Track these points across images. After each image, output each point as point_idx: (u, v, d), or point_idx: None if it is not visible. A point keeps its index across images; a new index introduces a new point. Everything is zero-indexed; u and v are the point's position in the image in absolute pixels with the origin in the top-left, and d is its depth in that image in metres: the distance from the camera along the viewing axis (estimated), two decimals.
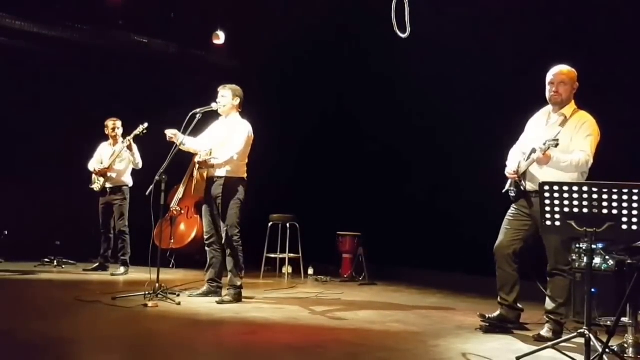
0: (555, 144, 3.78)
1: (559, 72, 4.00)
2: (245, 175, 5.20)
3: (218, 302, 4.92)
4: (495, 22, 6.39)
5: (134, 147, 6.88)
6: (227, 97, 5.19)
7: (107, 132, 7.15)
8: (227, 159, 5.03)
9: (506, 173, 4.14)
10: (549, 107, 4.10)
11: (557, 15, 5.94)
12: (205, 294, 5.20)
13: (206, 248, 5.29)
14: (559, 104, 4.00)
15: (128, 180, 7.09)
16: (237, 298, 5.05)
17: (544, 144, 3.80)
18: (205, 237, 5.29)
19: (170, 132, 5.04)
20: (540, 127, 4.10)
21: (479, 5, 6.38)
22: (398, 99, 7.73)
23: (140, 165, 6.99)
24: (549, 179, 3.58)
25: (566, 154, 3.85)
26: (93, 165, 7.10)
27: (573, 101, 4.03)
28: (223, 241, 5.10)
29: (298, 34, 8.07)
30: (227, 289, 5.09)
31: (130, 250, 6.96)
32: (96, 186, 7.03)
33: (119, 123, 7.10)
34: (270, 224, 7.43)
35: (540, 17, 6.13)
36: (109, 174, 6.99)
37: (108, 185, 7.02)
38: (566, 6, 5.86)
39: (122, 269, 6.86)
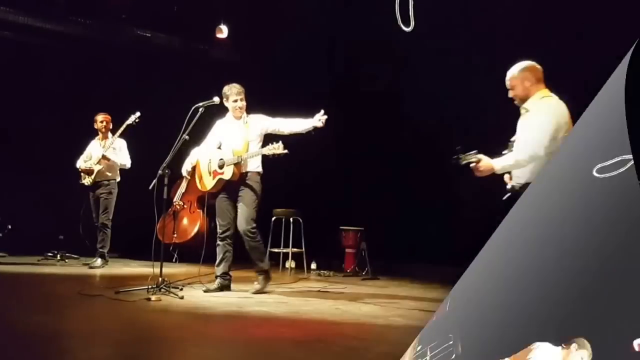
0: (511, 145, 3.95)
1: (507, 79, 4.08)
2: (262, 170, 5.37)
3: (254, 293, 5.08)
4: (496, 20, 6.37)
5: (111, 153, 6.83)
6: (244, 99, 5.36)
7: (96, 127, 7.08)
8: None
9: None
10: None
11: (560, 14, 5.90)
12: (220, 289, 5.17)
13: (219, 242, 5.23)
14: (519, 101, 4.03)
15: (116, 174, 7.05)
16: (268, 279, 5.26)
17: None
18: (221, 230, 5.23)
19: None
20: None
21: (481, 4, 6.36)
22: (400, 96, 7.70)
23: (127, 166, 6.96)
24: (525, 175, 3.81)
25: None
26: (79, 162, 7.05)
27: (537, 92, 3.93)
28: (242, 233, 5.11)
29: (302, 28, 8.04)
30: (258, 276, 5.24)
31: (109, 244, 6.92)
32: (87, 180, 6.97)
33: (108, 118, 7.06)
34: (273, 218, 7.43)
35: (541, 16, 6.10)
36: (102, 165, 6.90)
37: (97, 178, 6.96)
38: (569, 5, 5.83)
39: (99, 261, 6.82)
